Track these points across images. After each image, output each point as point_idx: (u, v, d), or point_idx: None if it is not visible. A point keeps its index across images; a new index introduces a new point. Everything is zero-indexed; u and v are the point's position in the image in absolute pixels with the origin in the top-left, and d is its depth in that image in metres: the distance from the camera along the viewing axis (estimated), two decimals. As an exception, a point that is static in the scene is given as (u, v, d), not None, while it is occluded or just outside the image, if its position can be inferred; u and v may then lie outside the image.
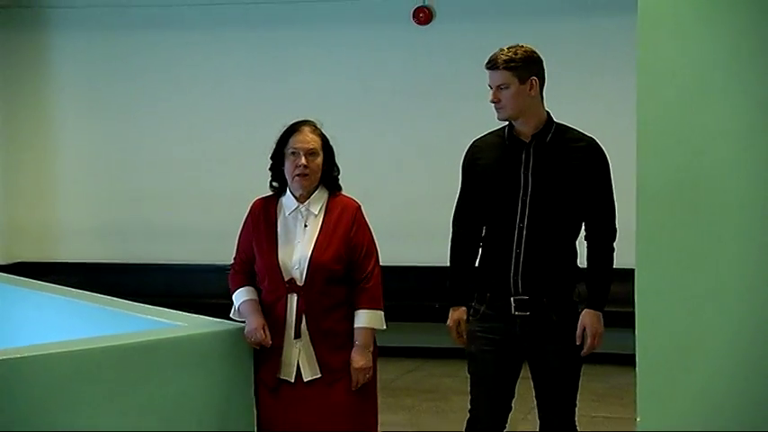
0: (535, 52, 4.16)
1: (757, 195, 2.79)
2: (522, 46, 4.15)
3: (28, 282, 6.28)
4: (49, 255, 10.79)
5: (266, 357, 4.13)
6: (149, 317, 5.02)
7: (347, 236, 4.19)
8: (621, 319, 9.31)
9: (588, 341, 4.06)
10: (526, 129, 4.16)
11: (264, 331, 4.09)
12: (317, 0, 10.26)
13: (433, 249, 7.73)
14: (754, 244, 2.80)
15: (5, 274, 7.05)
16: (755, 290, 2.82)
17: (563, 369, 4.16)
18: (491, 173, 4.22)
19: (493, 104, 4.13)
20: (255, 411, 4.26)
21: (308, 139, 4.12)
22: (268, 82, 10.45)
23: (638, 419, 2.79)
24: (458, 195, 4.41)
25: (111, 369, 4.16)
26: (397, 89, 10.22)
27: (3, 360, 3.88)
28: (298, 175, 4.09)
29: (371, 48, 10.35)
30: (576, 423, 4.27)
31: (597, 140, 4.19)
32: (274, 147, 4.22)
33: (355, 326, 4.17)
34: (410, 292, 10.13)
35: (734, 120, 2.78)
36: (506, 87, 4.05)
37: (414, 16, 10.18)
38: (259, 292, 4.26)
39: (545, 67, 4.19)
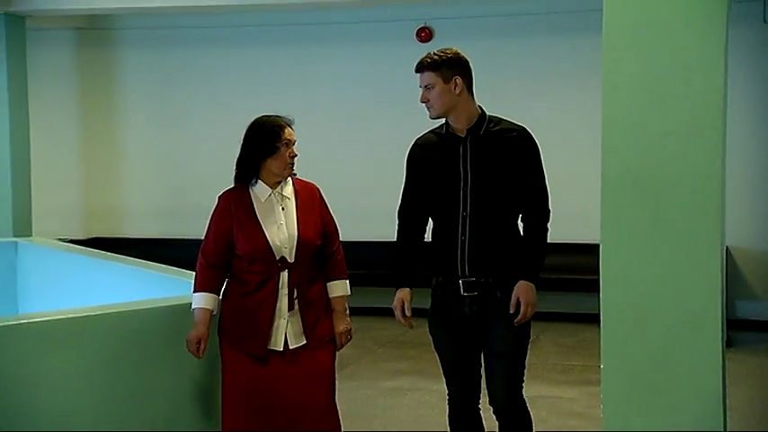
0: (459, 54, 3.89)
1: (699, 182, 2.87)
2: (448, 49, 3.90)
3: (102, 253, 6.49)
4: (118, 232, 10.79)
5: (256, 331, 3.83)
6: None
7: (319, 213, 4.01)
8: (587, 285, 9.44)
9: (521, 309, 3.75)
10: (460, 124, 3.87)
11: (200, 345, 3.81)
12: (335, 22, 10.19)
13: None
14: (698, 220, 2.85)
15: (84, 247, 7.14)
16: (697, 259, 2.87)
17: (509, 344, 3.87)
18: (432, 167, 3.95)
19: (423, 104, 3.88)
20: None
21: (293, 132, 3.94)
22: (293, 90, 10.39)
23: (602, 366, 2.72)
24: (402, 190, 4.13)
25: (167, 325, 4.17)
26: (401, 97, 10.12)
27: (94, 315, 4.05)
28: (291, 162, 3.90)
29: (381, 62, 10.25)
30: (524, 396, 3.97)
31: (528, 129, 3.94)
32: (260, 140, 3.88)
33: (332, 296, 4.00)
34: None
35: (682, 120, 2.81)
36: (432, 87, 3.79)
37: (417, 35, 10.13)
38: (226, 283, 3.99)
39: (471, 68, 3.91)
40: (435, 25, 10.09)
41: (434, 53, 3.84)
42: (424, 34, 10.13)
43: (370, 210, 9.85)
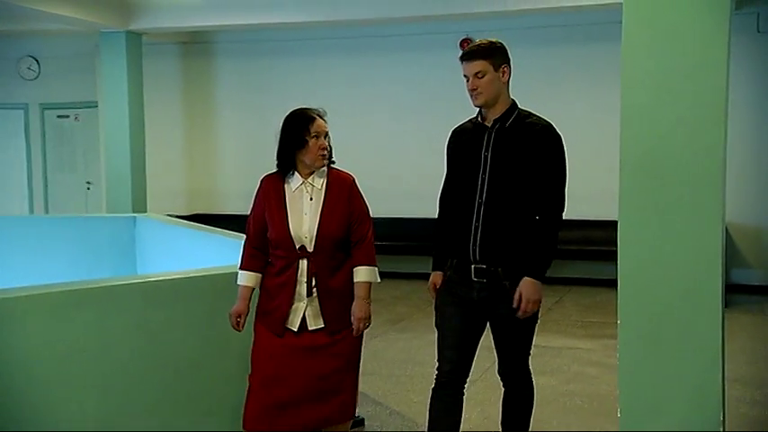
0: (503, 45, 3.42)
1: (703, 166, 2.85)
2: (494, 40, 3.42)
3: (201, 227, 6.46)
4: (214, 209, 10.87)
5: (276, 311, 3.44)
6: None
7: (346, 205, 3.47)
8: (604, 255, 9.35)
9: (522, 305, 3.24)
10: (492, 115, 3.38)
11: (239, 319, 3.48)
12: (392, 35, 10.12)
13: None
14: (702, 199, 2.83)
15: (188, 222, 7.16)
16: (701, 232, 2.84)
17: (515, 330, 3.39)
18: (460, 154, 3.50)
19: (471, 92, 3.36)
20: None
21: (324, 123, 3.47)
22: (357, 91, 10.41)
23: (619, 322, 2.66)
24: (443, 178, 3.67)
25: (203, 295, 4.05)
26: (447, 96, 10.07)
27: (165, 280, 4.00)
28: (322, 153, 3.43)
29: (430, 67, 10.15)
30: (531, 369, 3.55)
31: (554, 126, 3.40)
32: (290, 133, 3.49)
33: (355, 281, 3.47)
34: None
35: (689, 114, 2.76)
36: (483, 75, 3.28)
37: (460, 45, 9.99)
38: (267, 262, 3.56)
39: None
40: (476, 36, 9.94)
41: (483, 41, 3.38)
42: (466, 44, 9.99)
43: (421, 190, 9.82)
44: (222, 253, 4.90)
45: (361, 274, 3.46)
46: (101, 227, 7.38)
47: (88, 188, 11.94)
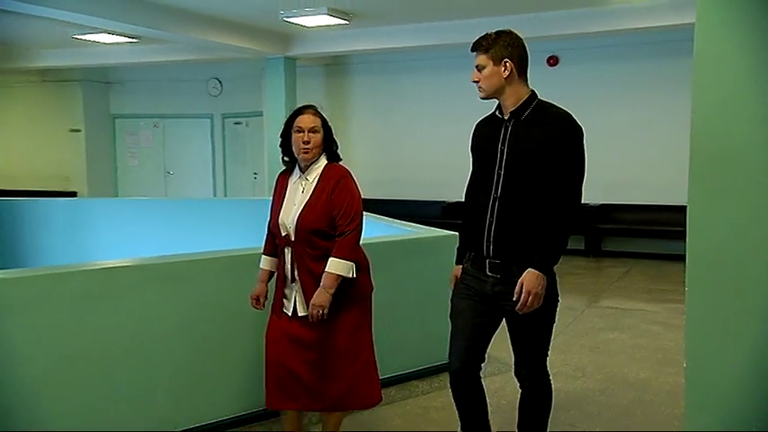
0: (512, 37, 2.70)
1: (765, 158, 2.50)
2: (502, 32, 2.72)
3: None
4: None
5: (276, 296, 3.03)
6: (400, 227, 5.18)
7: (329, 199, 2.93)
8: (667, 234, 8.99)
9: (522, 297, 2.56)
10: (506, 107, 2.70)
11: (258, 300, 3.10)
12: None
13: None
14: (763, 186, 2.50)
15: None
16: (764, 215, 2.53)
17: (530, 327, 2.72)
18: (479, 148, 2.83)
19: (474, 84, 2.76)
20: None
21: (310, 119, 2.97)
22: (463, 101, 10.21)
23: (686, 289, 2.50)
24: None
25: (384, 255, 3.90)
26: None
27: None
28: (304, 147, 2.95)
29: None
30: (549, 369, 2.88)
31: (573, 116, 2.70)
32: (283, 129, 3.06)
33: (325, 270, 2.89)
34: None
35: (752, 113, 2.50)
36: (483, 68, 2.68)
37: (546, 62, 9.74)
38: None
39: (525, 51, 2.71)
40: (560, 53, 9.67)
41: (490, 34, 2.72)
42: (552, 60, 9.73)
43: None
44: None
45: (332, 264, 2.87)
46: (264, 207, 7.50)
47: (255, 177, 12.35)
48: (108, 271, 3.31)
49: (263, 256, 3.12)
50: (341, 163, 3.10)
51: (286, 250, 2.95)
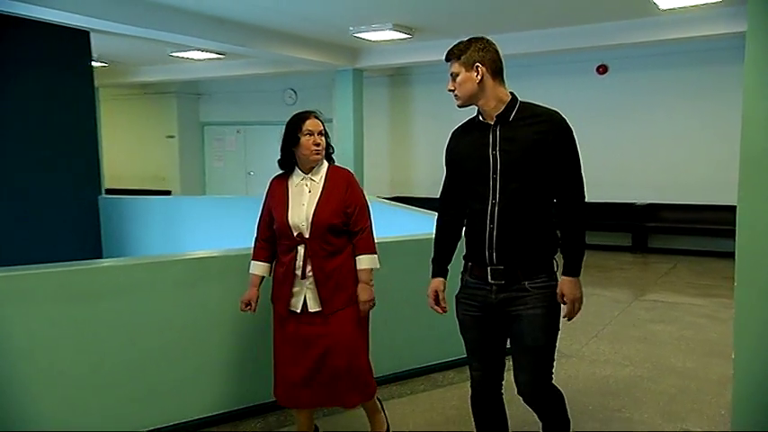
0: (483, 42, 2.45)
1: None
2: (474, 38, 2.48)
3: (398, 204, 6.45)
4: (410, 192, 10.95)
5: (281, 295, 2.85)
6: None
7: (342, 196, 2.83)
8: (712, 232, 8.66)
9: (567, 306, 2.38)
10: (488, 111, 2.41)
11: (248, 305, 2.91)
12: (543, 63, 9.69)
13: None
14: None
15: (390, 201, 7.11)
16: None
17: (535, 339, 2.38)
18: (465, 156, 2.48)
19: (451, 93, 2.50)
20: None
21: (317, 123, 2.85)
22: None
23: (735, 284, 2.38)
24: (443, 181, 2.66)
25: (408, 254, 3.82)
26: (587, 113, 9.61)
27: None
28: (315, 149, 2.81)
29: (571, 89, 9.68)
30: (554, 381, 2.49)
31: (559, 113, 2.45)
32: (287, 133, 2.87)
33: (358, 268, 2.83)
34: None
35: None
36: (456, 76, 2.43)
37: (596, 70, 9.48)
38: (274, 254, 2.93)
39: (497, 55, 2.45)
40: (609, 62, 9.39)
41: (462, 42, 2.46)
42: (602, 69, 9.45)
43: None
44: (416, 223, 4.90)
45: (363, 261, 2.83)
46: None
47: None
48: (200, 261, 3.43)
49: (256, 262, 2.93)
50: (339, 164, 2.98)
51: (299, 248, 2.78)
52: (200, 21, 7.60)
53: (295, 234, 2.78)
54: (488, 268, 2.39)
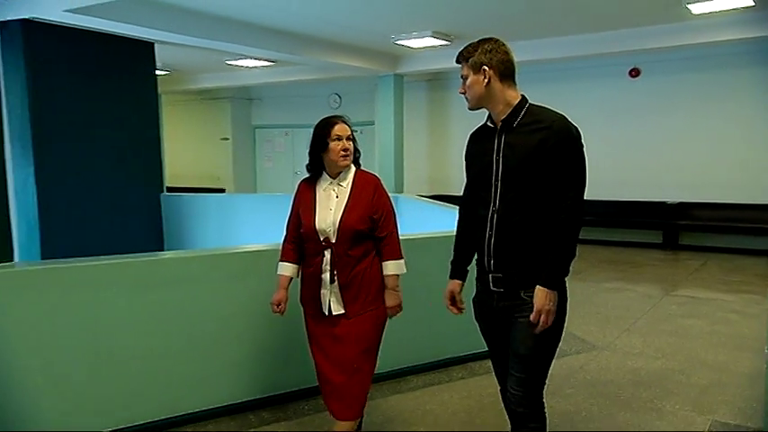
0: (492, 43, 2.21)
1: None
2: (484, 39, 2.25)
3: (439, 203, 6.30)
4: (448, 191, 10.85)
5: (310, 298, 2.69)
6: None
7: (370, 202, 2.65)
8: (742, 230, 8.41)
9: (533, 315, 2.10)
10: (496, 115, 2.22)
11: (279, 306, 2.74)
12: (578, 67, 9.51)
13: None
14: None
15: (427, 198, 7.07)
16: None
17: (527, 347, 2.16)
18: (474, 160, 2.33)
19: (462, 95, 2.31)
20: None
21: (345, 128, 2.68)
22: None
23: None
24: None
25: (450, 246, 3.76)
26: (620, 115, 9.40)
27: None
28: (343, 154, 2.65)
29: (606, 91, 9.49)
30: (544, 398, 2.24)
31: (566, 119, 2.15)
32: (315, 138, 2.70)
33: (385, 274, 2.65)
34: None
35: None
36: (465, 78, 2.24)
37: (628, 73, 9.25)
38: (302, 255, 2.75)
39: (507, 57, 2.22)
40: (642, 65, 9.16)
41: (472, 43, 2.24)
42: (634, 72, 9.21)
43: (607, 179, 9.29)
44: (447, 219, 4.88)
45: (390, 267, 2.66)
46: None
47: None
48: (251, 254, 3.49)
49: (284, 263, 2.77)
50: (365, 168, 2.79)
51: (325, 253, 2.62)
52: (254, 31, 7.71)
53: (321, 239, 2.63)
54: (489, 275, 2.22)
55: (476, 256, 2.32)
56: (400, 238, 2.73)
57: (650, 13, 7.16)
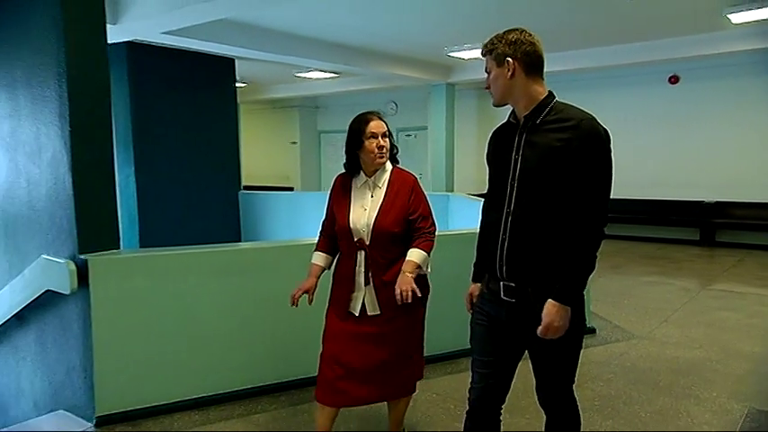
0: (517, 34, 1.84)
1: None
2: (509, 30, 1.87)
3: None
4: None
5: (340, 296, 2.41)
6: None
7: (406, 203, 2.35)
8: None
9: (540, 329, 1.75)
10: (519, 111, 1.86)
11: (300, 294, 2.43)
12: (619, 75, 9.17)
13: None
14: None
15: (476, 197, 6.98)
16: None
17: (553, 356, 1.84)
18: (494, 158, 1.95)
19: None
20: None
21: (380, 124, 2.40)
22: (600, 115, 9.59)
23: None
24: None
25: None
26: (660, 120, 9.03)
27: None
28: (379, 151, 2.36)
29: (645, 98, 9.14)
30: (576, 397, 1.95)
31: (593, 119, 1.77)
32: (350, 136, 2.41)
33: (406, 259, 2.29)
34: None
35: None
36: (489, 72, 1.89)
37: (668, 80, 8.87)
38: (335, 248, 2.50)
39: (533, 49, 1.84)
40: (681, 72, 8.77)
41: (498, 35, 1.88)
42: (673, 79, 8.83)
43: (646, 179, 8.95)
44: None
45: (413, 254, 2.29)
46: (431, 201, 7.51)
47: (420, 177, 12.43)
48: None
49: (318, 253, 2.51)
50: (402, 166, 2.50)
51: (358, 254, 2.35)
52: (321, 46, 7.82)
53: (355, 239, 2.35)
54: (500, 283, 1.86)
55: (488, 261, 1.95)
56: (451, 233, 2.65)
57: (691, 23, 6.83)
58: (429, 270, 2.36)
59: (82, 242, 2.98)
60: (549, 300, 1.75)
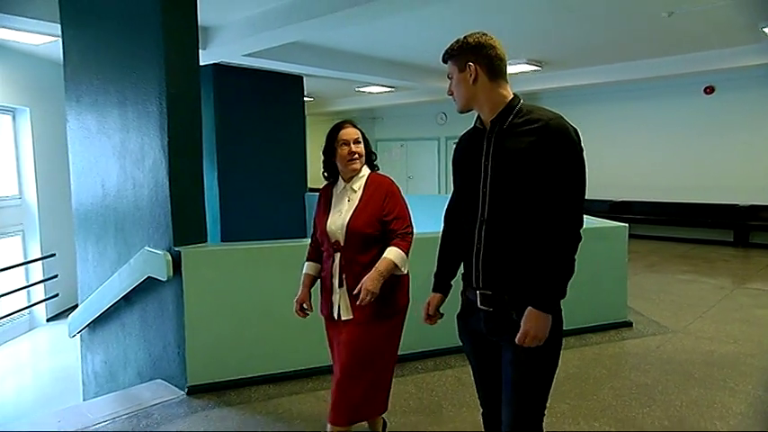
0: (477, 39, 1.60)
1: None
2: (470, 34, 1.62)
3: None
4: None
5: (323, 300, 2.22)
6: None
7: (380, 205, 2.14)
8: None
9: (519, 336, 1.52)
10: (485, 116, 1.62)
11: (301, 305, 2.26)
12: (654, 86, 8.75)
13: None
14: None
15: None
16: None
17: (525, 368, 1.55)
18: (461, 165, 1.69)
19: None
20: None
21: (353, 131, 2.21)
22: (632, 124, 9.22)
23: None
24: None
25: None
26: (695, 129, 8.56)
27: None
28: (351, 158, 2.19)
29: (681, 108, 8.67)
30: (544, 425, 1.60)
31: (561, 119, 1.53)
32: (325, 144, 2.24)
33: (382, 256, 2.08)
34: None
35: None
36: (451, 77, 1.65)
37: (703, 91, 8.38)
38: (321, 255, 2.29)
39: (495, 52, 1.59)
40: (716, 83, 8.27)
41: (458, 39, 1.63)
42: (709, 89, 8.34)
43: (682, 183, 8.51)
44: None
45: (390, 252, 2.08)
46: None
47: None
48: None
49: (309, 263, 2.33)
50: (381, 172, 2.32)
51: (335, 256, 2.17)
52: (378, 64, 7.89)
53: (332, 241, 2.18)
54: (477, 292, 1.64)
55: (462, 270, 1.73)
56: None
57: (727, 36, 6.43)
58: (406, 270, 2.14)
59: (176, 236, 3.12)
60: (530, 307, 1.52)
